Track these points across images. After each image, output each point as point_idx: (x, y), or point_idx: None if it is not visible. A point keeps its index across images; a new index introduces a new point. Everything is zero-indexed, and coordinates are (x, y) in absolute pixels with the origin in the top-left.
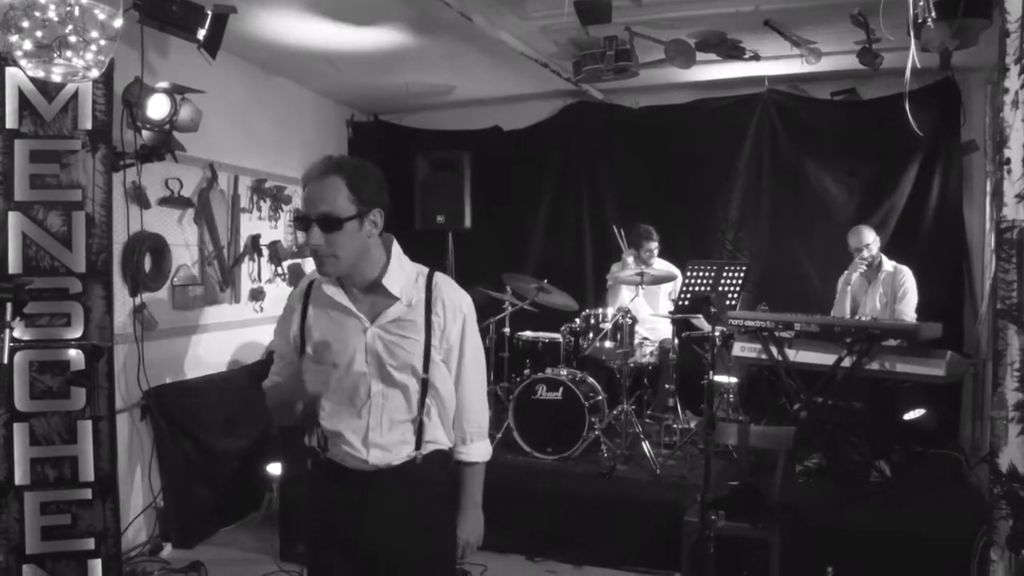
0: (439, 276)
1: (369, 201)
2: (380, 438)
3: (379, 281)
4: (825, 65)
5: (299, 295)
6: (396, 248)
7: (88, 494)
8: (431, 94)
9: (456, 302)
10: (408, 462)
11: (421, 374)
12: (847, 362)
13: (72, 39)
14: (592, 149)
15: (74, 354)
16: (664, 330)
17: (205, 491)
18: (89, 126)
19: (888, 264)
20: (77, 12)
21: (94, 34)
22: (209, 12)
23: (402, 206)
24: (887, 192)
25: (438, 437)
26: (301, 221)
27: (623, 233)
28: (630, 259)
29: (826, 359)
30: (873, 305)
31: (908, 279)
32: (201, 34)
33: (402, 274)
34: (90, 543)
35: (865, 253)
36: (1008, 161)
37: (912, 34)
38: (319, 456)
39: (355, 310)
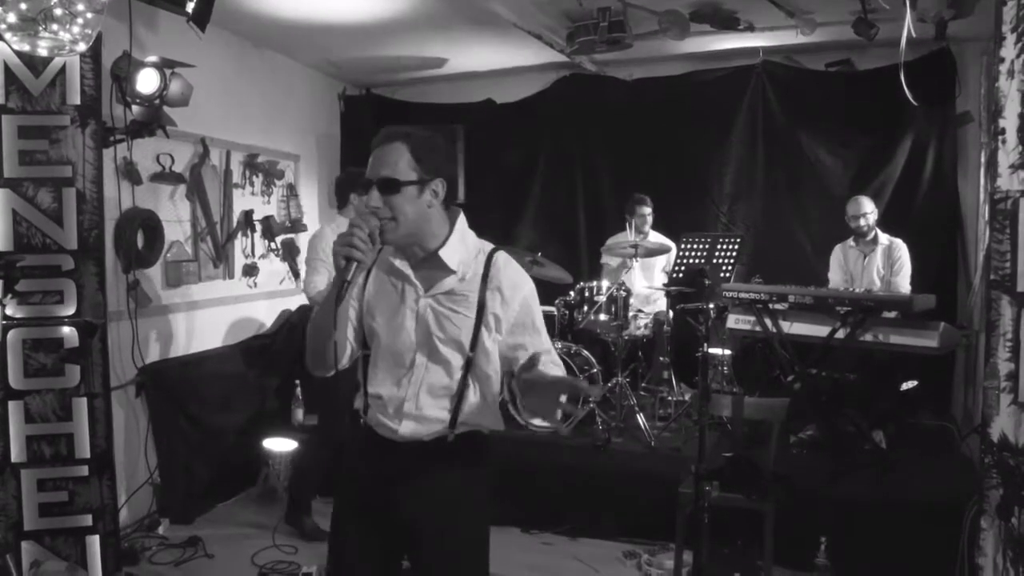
0: (501, 255)
1: (432, 170)
2: (414, 410)
3: (437, 252)
4: (820, 36)
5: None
6: (461, 222)
7: (85, 471)
8: (424, 67)
9: (515, 281)
10: (440, 439)
11: (467, 352)
12: (841, 334)
13: (58, 12)
14: (586, 122)
15: (67, 331)
16: (659, 303)
17: (201, 467)
18: (78, 101)
19: (884, 237)
20: None
21: (80, 7)
22: None
23: None
24: (882, 164)
25: (476, 420)
26: (363, 186)
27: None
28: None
29: (820, 331)
30: (871, 278)
31: (904, 252)
32: (190, 7)
33: (463, 247)
34: (88, 519)
35: (862, 222)
36: (1003, 131)
37: (907, 4)
38: (359, 420)
39: (413, 277)
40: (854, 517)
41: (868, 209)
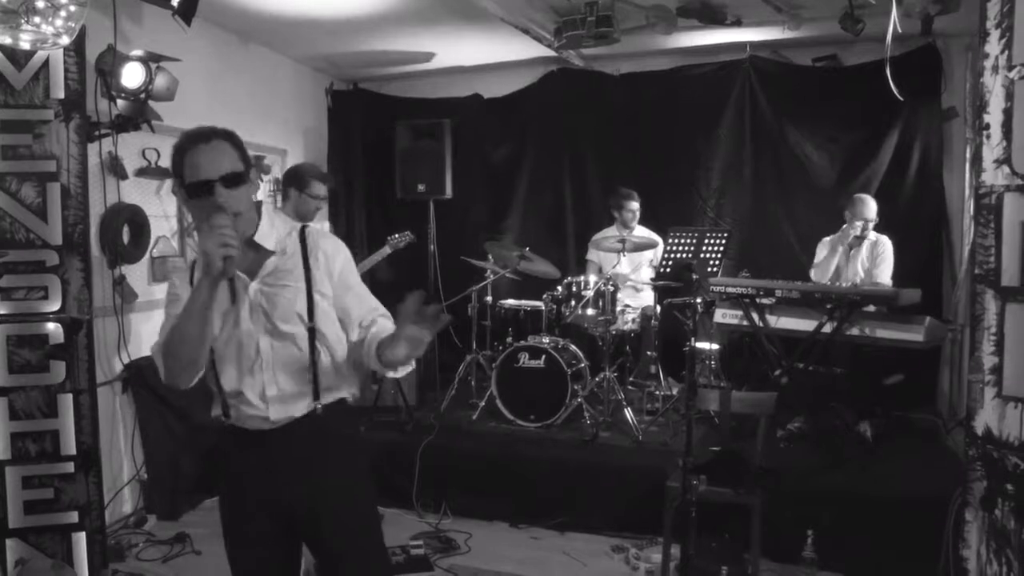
0: (312, 228)
1: (248, 160)
2: (276, 391)
3: (252, 238)
4: (807, 31)
5: (183, 273)
6: (266, 206)
7: (71, 467)
8: (411, 61)
9: (333, 247)
10: (309, 414)
11: (307, 322)
12: (827, 328)
13: (40, 4)
14: (573, 116)
15: (52, 327)
16: (646, 297)
17: (189, 463)
18: (62, 95)
19: (871, 234)
20: None
21: None
22: None
23: (383, 175)
24: (868, 159)
25: (336, 384)
26: (199, 189)
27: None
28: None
29: (807, 325)
30: (856, 271)
31: (888, 248)
32: (175, 1)
33: (273, 229)
34: (73, 516)
35: (870, 226)
36: (987, 127)
37: None
38: (223, 424)
39: (237, 272)
40: (841, 510)
41: (874, 215)
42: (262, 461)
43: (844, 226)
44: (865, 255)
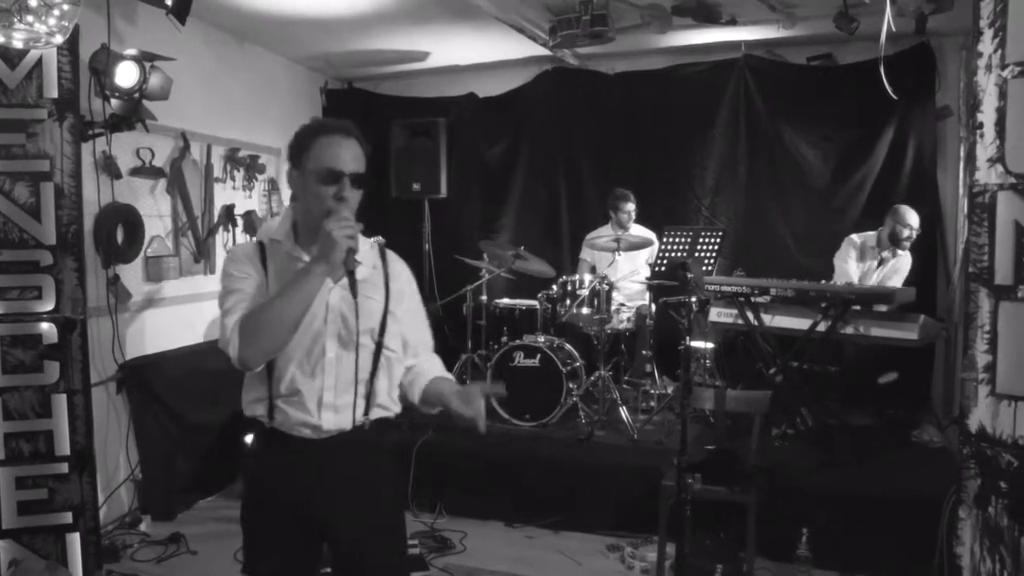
0: (387, 249)
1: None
2: (334, 400)
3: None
4: (802, 30)
5: (252, 256)
6: None
7: (65, 468)
8: (406, 60)
9: (409, 275)
10: (358, 427)
11: (376, 337)
12: (822, 326)
13: (33, 3)
14: (568, 115)
15: (46, 327)
16: (641, 296)
17: (183, 463)
18: (55, 94)
19: (902, 253)
20: None
21: None
22: None
23: (378, 174)
24: (863, 157)
25: (386, 403)
26: (328, 177)
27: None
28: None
29: (801, 324)
30: (874, 279)
31: (909, 263)
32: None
33: (362, 239)
34: (68, 517)
35: (913, 235)
36: (981, 125)
37: None
38: (263, 426)
39: None
40: (835, 508)
41: (917, 224)
42: (303, 470)
43: (880, 231)
44: (890, 266)
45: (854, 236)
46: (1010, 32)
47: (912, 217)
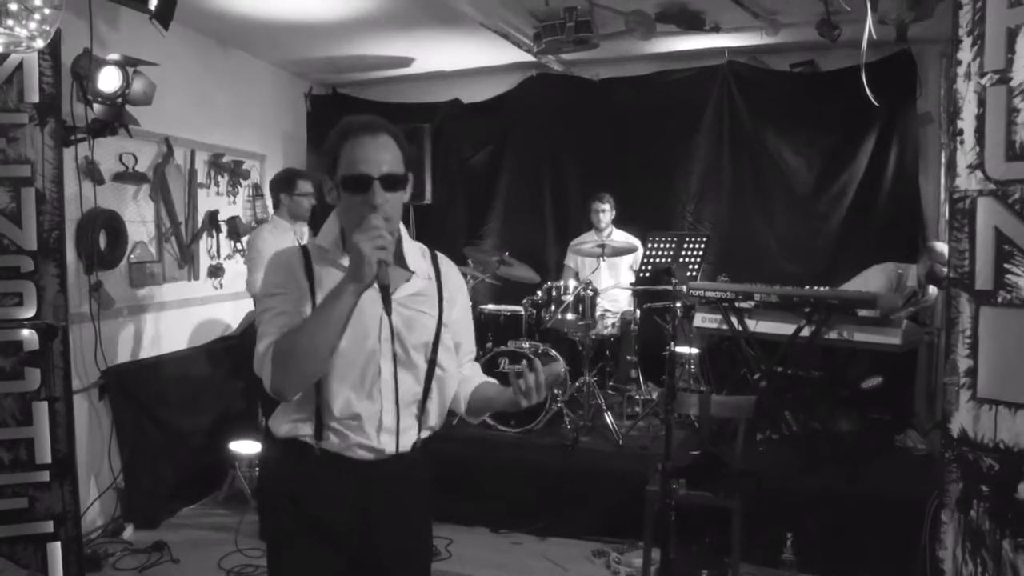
0: (439, 253)
1: (409, 164)
2: (392, 422)
3: (397, 252)
4: (785, 37)
5: (294, 265)
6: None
7: (46, 476)
8: (390, 66)
9: (460, 279)
10: (413, 449)
11: (430, 354)
12: (806, 332)
13: (13, 7)
14: (553, 121)
15: (27, 334)
16: (625, 302)
17: (167, 471)
18: (36, 99)
19: (932, 290)
20: None
21: (37, 2)
22: None
23: None
24: (845, 163)
25: (434, 423)
26: (356, 184)
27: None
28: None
29: (785, 329)
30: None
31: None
32: (152, 4)
33: (413, 247)
34: (49, 526)
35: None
36: (961, 132)
37: (869, 6)
38: (313, 447)
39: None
40: (820, 513)
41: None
42: (353, 492)
43: (915, 267)
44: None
45: (891, 265)
46: (988, 40)
47: (940, 254)
